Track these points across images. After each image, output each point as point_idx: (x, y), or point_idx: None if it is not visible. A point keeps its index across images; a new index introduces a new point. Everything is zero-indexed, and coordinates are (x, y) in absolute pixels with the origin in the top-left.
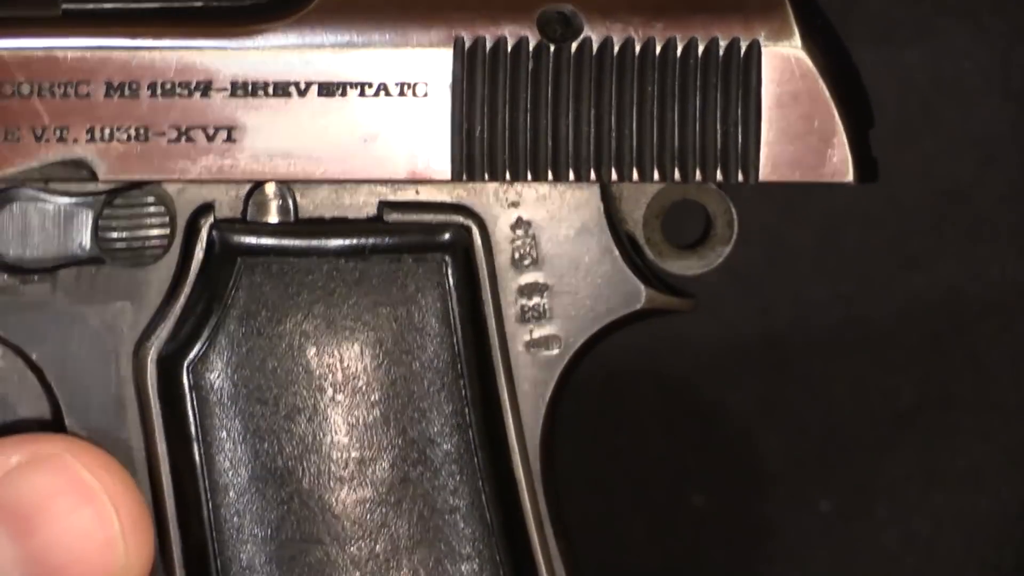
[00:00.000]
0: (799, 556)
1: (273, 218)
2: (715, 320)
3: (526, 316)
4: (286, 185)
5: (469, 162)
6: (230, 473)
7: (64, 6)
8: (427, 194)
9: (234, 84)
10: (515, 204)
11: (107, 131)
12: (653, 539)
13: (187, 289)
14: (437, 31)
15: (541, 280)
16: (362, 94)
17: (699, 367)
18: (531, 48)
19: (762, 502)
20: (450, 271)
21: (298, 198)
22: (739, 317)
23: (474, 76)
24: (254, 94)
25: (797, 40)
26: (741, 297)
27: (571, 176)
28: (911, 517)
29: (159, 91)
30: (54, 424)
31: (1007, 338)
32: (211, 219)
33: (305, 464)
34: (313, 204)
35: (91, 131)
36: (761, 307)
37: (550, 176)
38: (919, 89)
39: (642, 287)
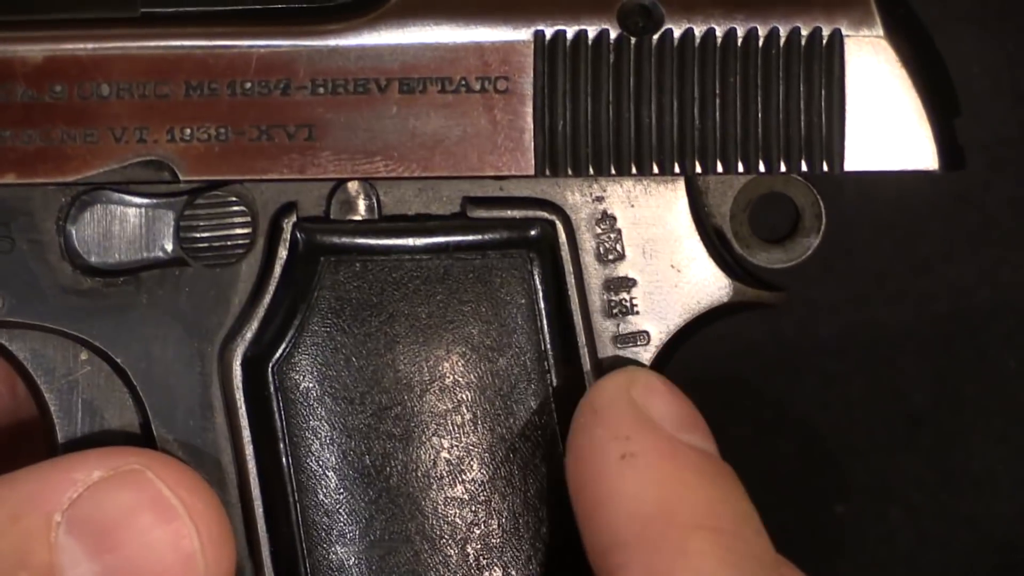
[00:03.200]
0: (814, 558)
1: (356, 216)
2: (727, 324)
3: (613, 311)
4: (369, 183)
5: (552, 157)
6: (318, 473)
7: (143, 10)
8: (511, 190)
9: (314, 82)
10: (599, 199)
11: (187, 131)
12: None
13: (271, 289)
14: (517, 26)
15: (627, 275)
16: (443, 90)
17: (711, 370)
18: (612, 41)
19: (776, 504)
20: (535, 267)
21: (381, 195)
22: (750, 321)
23: (555, 70)
24: (334, 92)
25: (879, 29)
26: None
27: (655, 169)
28: (924, 519)
29: (239, 90)
30: (141, 429)
31: (1018, 340)
32: (294, 218)
33: (393, 463)
34: (396, 201)
35: (171, 131)
36: (773, 311)
37: (634, 170)
38: None
39: (729, 281)
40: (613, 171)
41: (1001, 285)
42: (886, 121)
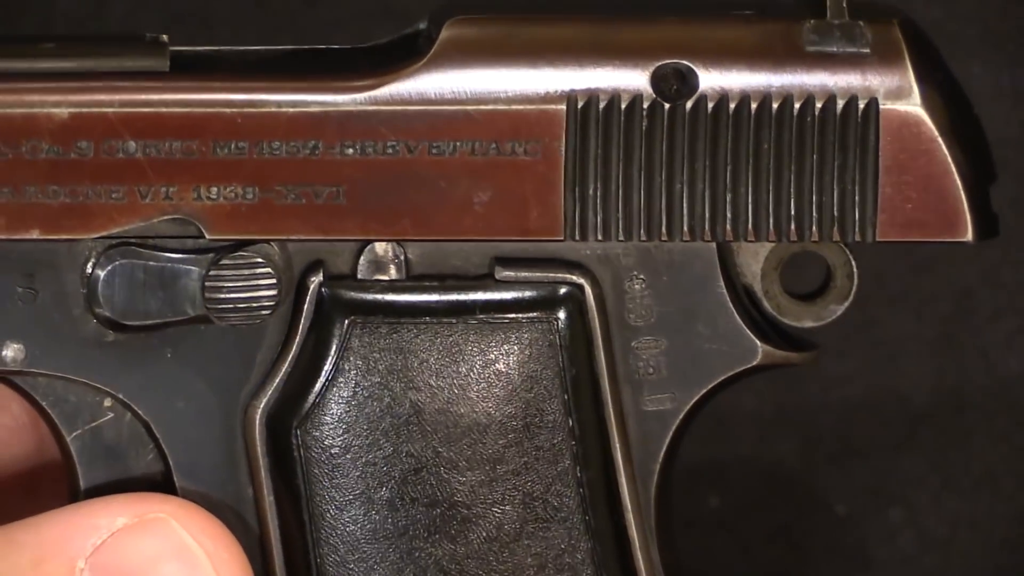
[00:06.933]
0: (814, 558)
1: (383, 276)
2: None
3: (640, 373)
4: (396, 243)
5: (582, 221)
6: (339, 532)
7: (172, 48)
8: (539, 253)
9: (343, 144)
10: (629, 262)
11: (214, 190)
12: None
13: (296, 348)
14: (549, 89)
15: (655, 337)
16: (473, 152)
17: None
18: (645, 106)
19: (778, 504)
20: (562, 329)
21: (408, 256)
22: None
23: (587, 135)
24: (364, 153)
25: (917, 98)
26: None
27: (686, 236)
28: (926, 520)
29: (267, 150)
30: (163, 479)
31: (1020, 341)
32: (320, 277)
33: (416, 523)
34: (424, 262)
35: (198, 190)
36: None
37: (664, 236)
38: None
39: (759, 343)
40: (644, 236)
41: (1001, 285)
42: (920, 192)
